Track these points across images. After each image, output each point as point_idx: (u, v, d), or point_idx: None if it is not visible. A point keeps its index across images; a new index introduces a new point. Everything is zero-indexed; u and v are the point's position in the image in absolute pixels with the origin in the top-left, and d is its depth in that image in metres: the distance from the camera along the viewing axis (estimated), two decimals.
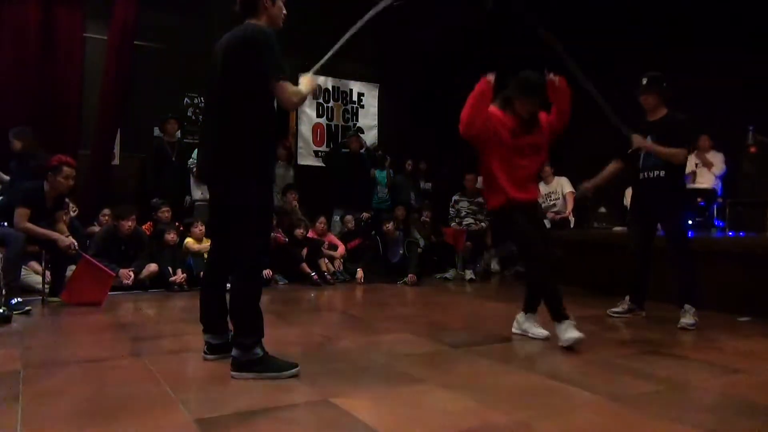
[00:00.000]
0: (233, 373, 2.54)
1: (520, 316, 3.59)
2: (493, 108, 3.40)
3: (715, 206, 6.21)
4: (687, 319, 3.83)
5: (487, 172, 3.44)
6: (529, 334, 3.49)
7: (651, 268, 4.21)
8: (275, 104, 2.62)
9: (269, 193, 2.71)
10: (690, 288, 3.90)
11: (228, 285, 2.77)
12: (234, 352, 2.57)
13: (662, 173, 4.01)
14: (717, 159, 6.32)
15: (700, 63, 6.07)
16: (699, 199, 6.09)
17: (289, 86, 2.51)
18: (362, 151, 7.57)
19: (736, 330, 3.87)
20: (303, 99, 2.69)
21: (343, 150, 7.64)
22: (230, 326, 2.68)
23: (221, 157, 2.59)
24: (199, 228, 5.91)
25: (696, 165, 6.30)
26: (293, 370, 2.58)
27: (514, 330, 3.60)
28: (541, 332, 3.46)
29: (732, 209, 5.89)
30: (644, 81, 4.07)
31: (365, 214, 7.34)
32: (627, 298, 4.30)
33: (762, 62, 5.76)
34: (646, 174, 4.10)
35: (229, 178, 2.59)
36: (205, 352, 2.85)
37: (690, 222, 5.85)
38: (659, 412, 2.20)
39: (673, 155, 3.94)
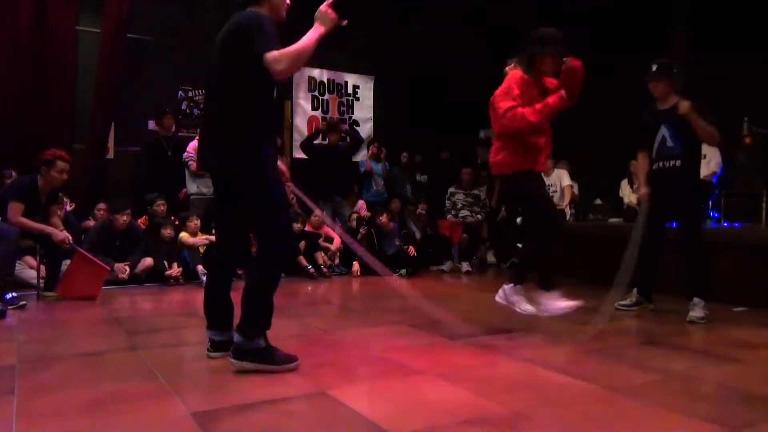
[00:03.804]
0: (232, 360, 2.50)
1: (509, 288, 3.52)
2: (517, 72, 3.29)
3: (713, 197, 6.20)
4: (696, 312, 3.77)
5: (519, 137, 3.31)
6: (517, 309, 3.45)
7: (659, 260, 4.15)
8: (275, 94, 2.57)
9: (279, 178, 2.63)
10: (700, 281, 3.85)
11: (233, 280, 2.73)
12: (236, 338, 2.51)
13: (678, 163, 3.92)
14: (712, 152, 6.29)
15: (694, 54, 6.07)
16: None
17: (276, 52, 2.35)
18: (340, 142, 7.46)
19: (732, 320, 3.89)
20: (302, 54, 2.40)
21: (317, 142, 7.51)
22: (235, 322, 2.62)
23: (224, 147, 2.53)
24: (194, 222, 5.88)
25: None
26: (292, 364, 2.54)
27: (498, 299, 3.56)
28: (530, 308, 3.43)
29: (727, 200, 5.90)
30: (653, 67, 3.96)
31: (366, 213, 7.31)
32: (635, 290, 4.24)
33: (756, 53, 5.77)
34: (661, 164, 4.01)
35: (236, 168, 2.52)
36: (208, 350, 2.78)
37: (712, 213, 5.86)
38: (656, 401, 2.20)
39: (711, 134, 3.79)
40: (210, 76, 2.64)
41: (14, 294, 4.15)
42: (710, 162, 6.22)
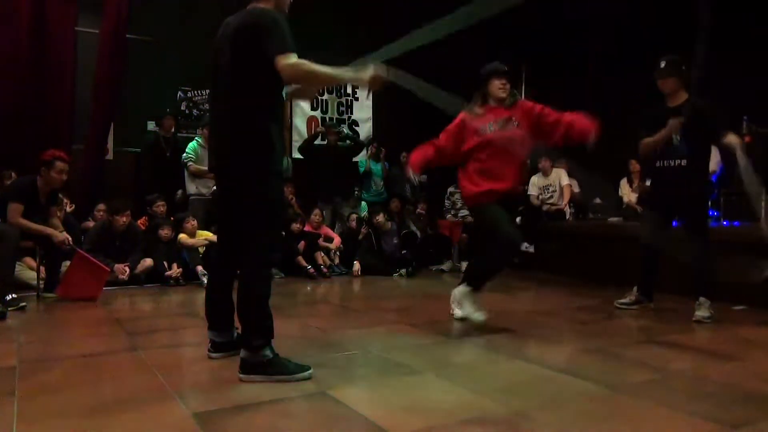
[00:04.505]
0: (241, 375, 2.42)
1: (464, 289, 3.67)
2: (465, 115, 3.62)
3: (713, 196, 6.20)
4: (702, 312, 3.75)
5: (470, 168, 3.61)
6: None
7: (659, 259, 4.13)
8: (284, 95, 2.54)
9: (280, 186, 2.59)
10: (706, 281, 3.83)
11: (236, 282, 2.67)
12: (242, 353, 2.45)
13: (684, 162, 3.87)
14: (711, 151, 6.27)
15: (692, 52, 6.07)
16: None
17: (293, 56, 2.32)
18: (339, 142, 7.50)
19: (731, 319, 3.89)
20: (319, 76, 2.40)
21: (317, 143, 7.54)
22: (237, 324, 2.61)
23: (234, 149, 2.48)
24: (191, 223, 5.88)
25: None
26: (305, 373, 2.44)
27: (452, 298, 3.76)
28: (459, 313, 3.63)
29: (726, 199, 5.90)
30: (662, 64, 3.91)
31: (365, 214, 7.32)
32: (635, 289, 4.24)
33: (755, 51, 5.77)
34: (666, 162, 3.95)
35: (242, 172, 2.48)
36: (209, 350, 2.77)
37: (711, 212, 5.84)
38: (655, 400, 2.21)
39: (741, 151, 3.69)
40: (216, 76, 2.57)
41: (14, 295, 4.14)
42: (710, 161, 6.23)
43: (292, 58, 2.34)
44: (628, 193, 6.81)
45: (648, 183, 5.09)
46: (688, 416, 2.04)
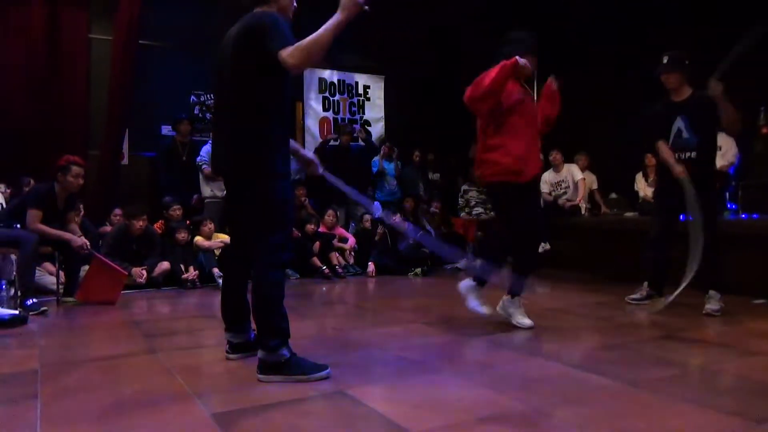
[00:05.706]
0: (259, 375, 2.43)
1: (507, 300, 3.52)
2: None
3: (730, 189, 6.12)
4: (712, 305, 3.74)
5: (494, 143, 3.38)
6: (513, 322, 3.46)
7: (671, 254, 4.09)
8: (288, 94, 2.55)
9: (288, 187, 2.58)
10: (715, 274, 3.80)
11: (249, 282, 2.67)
12: (260, 353, 2.46)
13: (693, 154, 3.87)
14: (728, 143, 6.20)
15: (707, 43, 6.00)
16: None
17: (290, 47, 2.27)
18: (352, 143, 7.51)
19: (752, 312, 3.85)
20: (315, 44, 2.26)
21: (330, 144, 7.59)
22: (253, 325, 2.61)
23: (236, 151, 2.49)
24: (208, 226, 5.93)
25: None
26: (323, 373, 2.45)
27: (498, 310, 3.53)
28: (527, 321, 3.44)
29: (744, 191, 5.82)
30: (665, 59, 3.93)
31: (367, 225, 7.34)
32: (645, 284, 4.22)
33: None
34: (676, 155, 3.95)
35: (246, 173, 2.49)
36: (227, 352, 2.79)
37: (729, 205, 5.78)
38: (677, 396, 2.18)
39: (736, 120, 3.75)
40: (219, 80, 2.59)
41: (35, 300, 4.20)
42: (726, 153, 6.13)
43: (289, 48, 2.29)
44: (643, 188, 6.74)
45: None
46: (711, 412, 2.01)
